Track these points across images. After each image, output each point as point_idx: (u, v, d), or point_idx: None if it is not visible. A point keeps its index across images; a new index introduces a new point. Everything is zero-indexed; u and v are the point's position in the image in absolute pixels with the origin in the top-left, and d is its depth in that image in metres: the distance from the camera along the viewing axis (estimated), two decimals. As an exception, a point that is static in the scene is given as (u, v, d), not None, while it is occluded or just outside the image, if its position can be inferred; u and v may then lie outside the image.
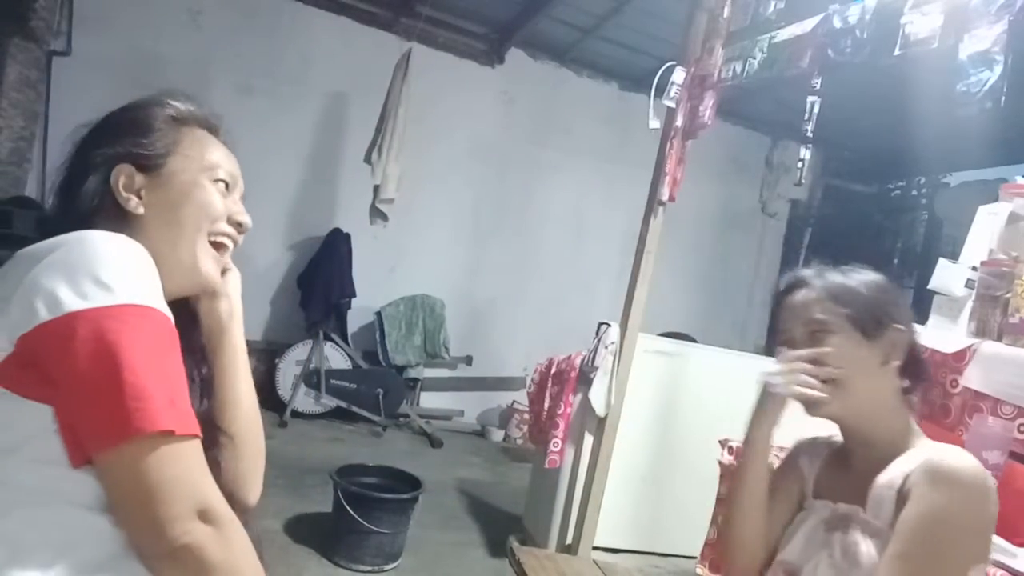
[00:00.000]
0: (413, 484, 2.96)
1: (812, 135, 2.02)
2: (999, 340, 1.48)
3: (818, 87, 2.01)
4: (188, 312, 0.91)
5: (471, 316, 5.52)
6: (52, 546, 0.66)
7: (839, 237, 6.42)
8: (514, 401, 5.40)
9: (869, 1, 1.83)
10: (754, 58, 2.25)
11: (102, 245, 0.70)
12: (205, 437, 0.73)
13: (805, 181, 2.15)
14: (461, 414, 5.54)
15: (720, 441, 1.97)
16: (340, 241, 4.89)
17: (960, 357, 1.51)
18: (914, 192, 6.50)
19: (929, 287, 1.70)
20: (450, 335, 5.24)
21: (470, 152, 5.46)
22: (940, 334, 1.63)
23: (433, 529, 3.24)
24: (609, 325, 2.88)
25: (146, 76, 4.61)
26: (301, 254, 5.01)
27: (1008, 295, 1.48)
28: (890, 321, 1.01)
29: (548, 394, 3.13)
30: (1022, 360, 1.39)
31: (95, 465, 0.67)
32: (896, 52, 1.71)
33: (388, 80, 4.56)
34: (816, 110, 2.01)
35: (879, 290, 1.03)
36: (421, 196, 5.09)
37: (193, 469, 0.68)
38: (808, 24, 2.05)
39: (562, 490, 3.01)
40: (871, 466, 1.01)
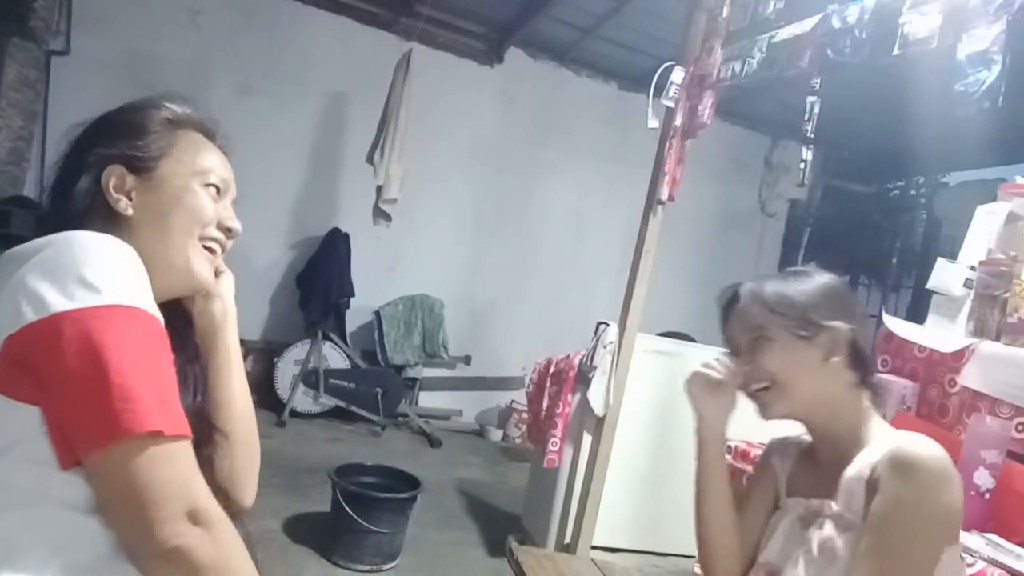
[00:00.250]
0: (412, 484, 2.96)
1: (812, 135, 2.02)
2: (997, 340, 1.48)
3: (817, 87, 2.00)
4: (182, 312, 0.91)
5: (470, 316, 5.53)
6: (44, 547, 0.66)
7: (838, 237, 6.43)
8: (513, 401, 5.40)
9: (868, 1, 1.83)
10: (753, 58, 2.25)
11: (89, 246, 0.70)
12: (199, 436, 0.73)
13: (806, 182, 2.14)
14: (460, 414, 5.54)
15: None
16: (339, 241, 4.89)
17: (959, 357, 1.51)
18: (913, 192, 6.51)
19: (928, 287, 1.70)
20: (449, 335, 5.24)
21: (469, 152, 5.46)
22: (939, 333, 1.63)
23: (432, 529, 3.24)
24: (608, 325, 2.87)
25: (145, 76, 4.61)
26: (300, 254, 5.01)
27: (1007, 295, 1.48)
28: (826, 321, 1.05)
29: (547, 394, 3.13)
30: (1020, 360, 1.39)
31: (84, 466, 0.66)
32: (895, 52, 1.71)
33: (388, 80, 4.56)
34: (816, 110, 2.01)
35: (815, 293, 1.08)
36: (420, 196, 5.09)
37: (183, 470, 0.68)
38: (807, 24, 2.05)
39: (561, 490, 3.01)
40: (837, 459, 1.05)
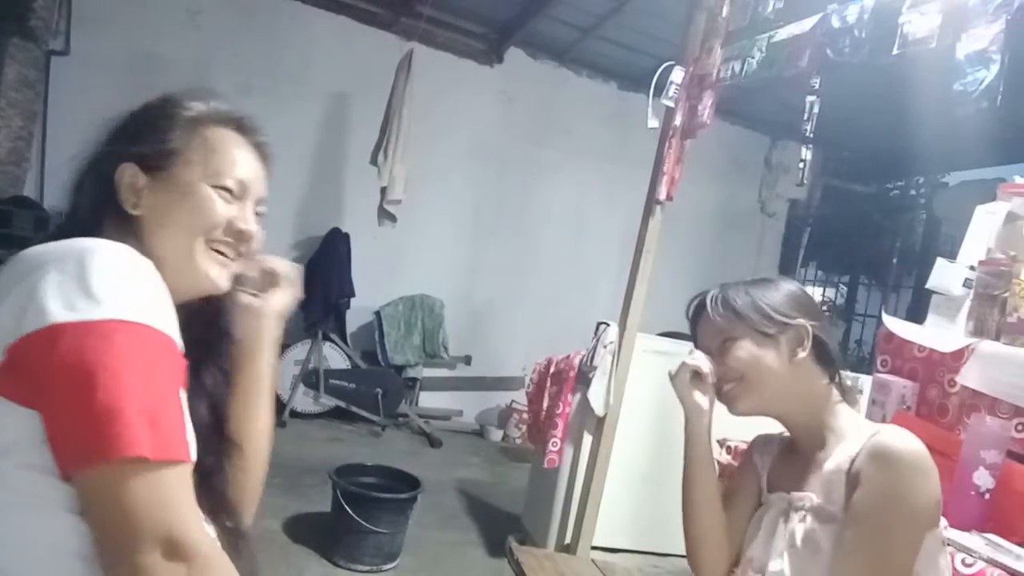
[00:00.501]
0: (412, 484, 2.96)
1: (812, 135, 2.02)
2: (997, 339, 1.48)
3: (817, 87, 2.00)
4: (203, 315, 0.88)
5: (470, 316, 5.53)
6: (48, 551, 0.66)
7: (838, 237, 6.43)
8: (513, 401, 5.40)
9: (867, 1, 1.83)
10: (753, 58, 2.25)
11: (101, 256, 0.68)
12: (210, 448, 0.72)
13: (805, 181, 2.14)
14: (460, 414, 5.54)
15: (719, 441, 1.97)
16: (339, 241, 4.89)
17: (958, 356, 1.51)
18: (913, 192, 6.52)
19: (927, 286, 1.70)
20: (449, 335, 5.24)
21: (469, 152, 5.46)
22: (938, 333, 1.63)
23: (432, 529, 3.25)
24: (608, 325, 2.87)
25: (145, 76, 4.60)
26: (301, 254, 5.01)
27: (1006, 294, 1.48)
28: (787, 320, 1.12)
29: (547, 394, 3.13)
30: (1020, 359, 1.39)
31: (73, 481, 0.66)
32: (894, 52, 1.71)
33: (388, 80, 4.56)
34: (815, 110, 2.01)
35: (777, 296, 1.15)
36: (420, 196, 5.09)
37: (166, 497, 0.65)
38: (807, 24, 2.05)
39: (561, 490, 3.01)
40: (813, 452, 1.11)
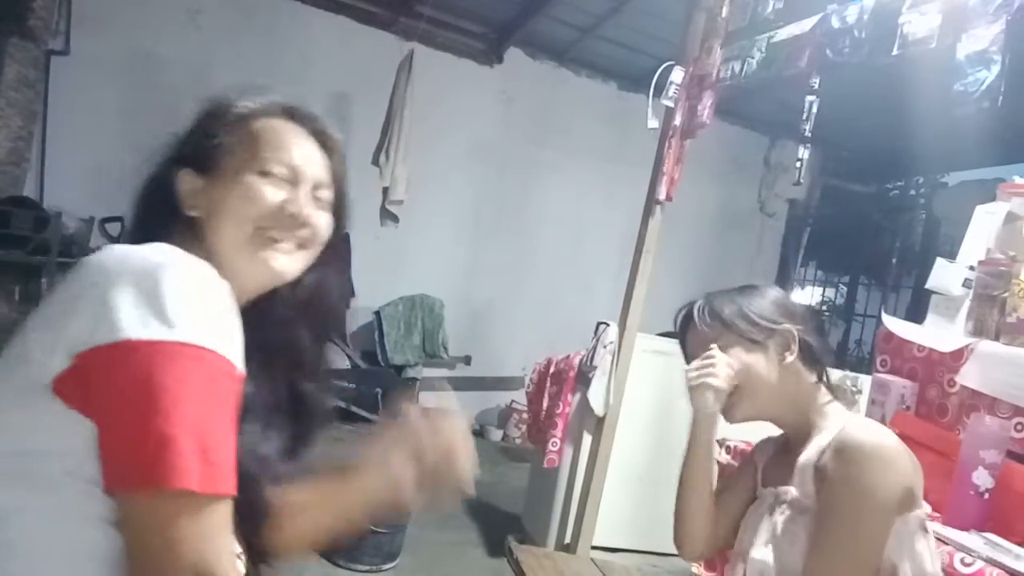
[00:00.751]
0: (412, 483, 2.95)
1: (810, 135, 2.02)
2: (996, 339, 1.48)
3: (816, 87, 2.01)
4: (272, 336, 0.87)
5: (470, 316, 5.52)
6: (80, 558, 0.66)
7: (837, 237, 6.44)
8: (513, 401, 5.40)
9: (867, 1, 1.83)
10: (752, 58, 2.25)
11: (174, 273, 0.67)
12: (254, 480, 0.72)
13: (803, 181, 2.15)
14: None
15: (719, 441, 1.97)
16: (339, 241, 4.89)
17: (958, 356, 1.51)
18: (912, 192, 6.52)
19: (927, 286, 1.70)
20: (449, 335, 5.24)
21: (469, 152, 5.46)
22: (938, 333, 1.63)
23: (431, 529, 3.24)
24: (608, 325, 2.88)
25: (145, 76, 4.61)
26: (300, 254, 5.01)
27: (1005, 294, 1.48)
28: (774, 325, 1.15)
29: (547, 394, 3.14)
30: (1019, 359, 1.39)
31: (116, 497, 0.66)
32: (894, 52, 1.71)
33: (388, 80, 4.56)
34: (814, 110, 2.01)
35: (762, 303, 1.18)
36: (420, 196, 5.09)
37: (205, 530, 0.64)
38: (806, 24, 2.06)
39: (561, 490, 3.01)
40: (801, 448, 1.14)
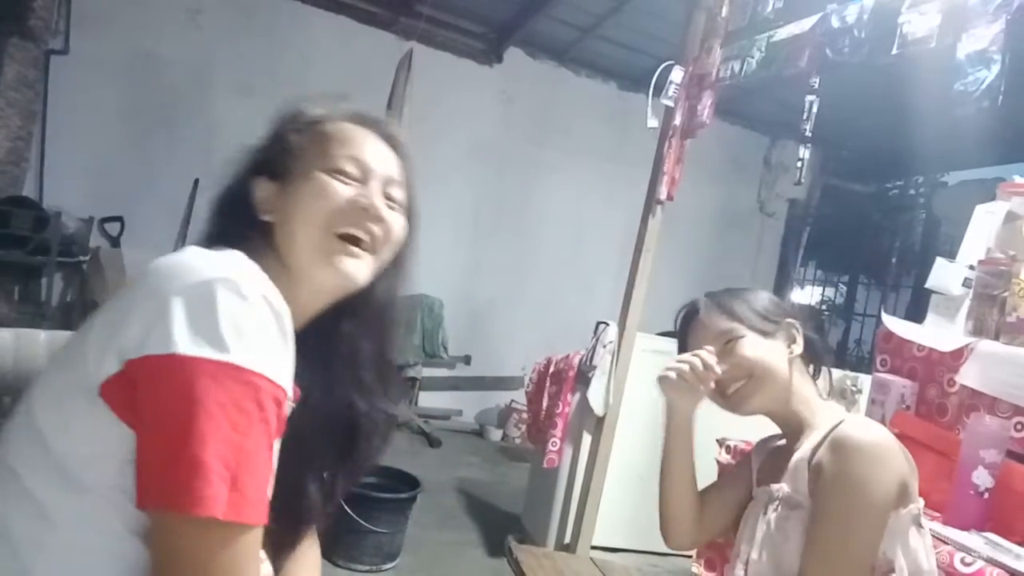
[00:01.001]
0: (411, 484, 2.96)
1: (811, 135, 2.02)
2: (996, 339, 1.48)
3: (816, 86, 2.00)
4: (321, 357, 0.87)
5: (469, 316, 5.52)
6: (104, 565, 0.67)
7: (837, 237, 6.44)
8: (512, 400, 5.40)
9: (867, 1, 1.83)
10: (752, 57, 2.25)
11: (230, 291, 0.66)
12: (286, 510, 0.73)
13: (804, 181, 2.15)
14: (460, 414, 5.54)
15: (718, 440, 1.97)
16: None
17: (957, 356, 1.51)
18: (912, 191, 6.52)
19: (927, 286, 1.70)
20: (448, 335, 5.24)
21: (469, 152, 5.46)
22: (938, 333, 1.63)
23: (431, 529, 3.24)
24: (607, 324, 2.87)
25: (145, 76, 4.61)
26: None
27: (1005, 294, 1.48)
28: (780, 318, 1.18)
29: (546, 393, 3.13)
30: (1019, 359, 1.39)
31: (145, 511, 0.66)
32: (894, 51, 1.71)
33: (388, 80, 4.55)
34: (814, 109, 2.01)
35: (762, 298, 1.21)
36: (420, 195, 5.09)
37: (229, 559, 0.64)
38: (806, 23, 2.05)
39: (560, 489, 3.01)
40: (794, 445, 1.15)
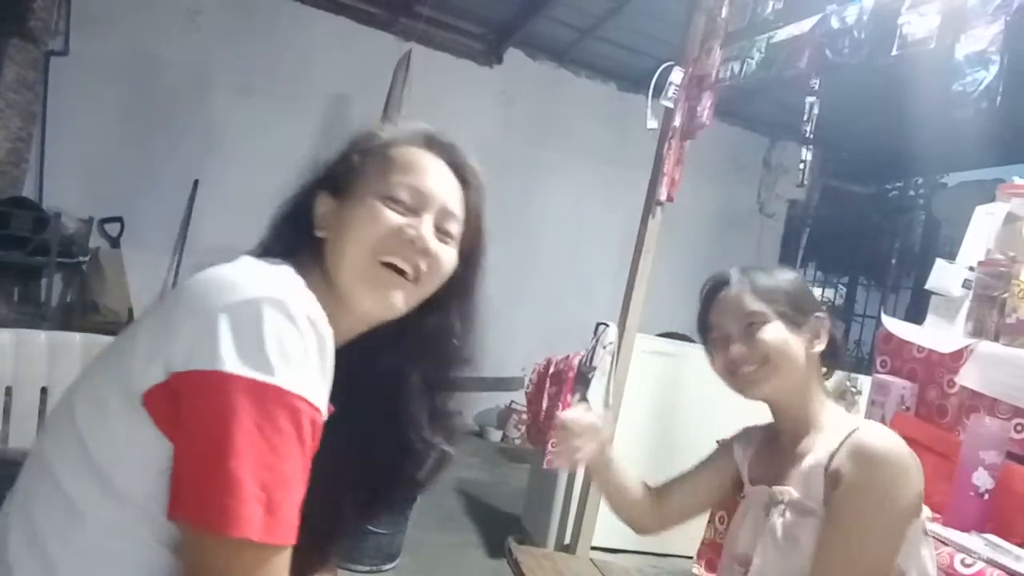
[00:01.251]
0: (411, 484, 2.95)
1: (811, 136, 2.02)
2: (996, 340, 1.48)
3: (816, 87, 2.01)
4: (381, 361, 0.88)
5: (469, 316, 5.52)
6: (141, 574, 0.67)
7: (837, 238, 6.43)
8: (512, 401, 5.39)
9: (867, 2, 1.83)
10: (752, 58, 2.25)
11: (277, 311, 0.66)
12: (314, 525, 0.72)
13: (805, 182, 2.15)
14: (459, 414, 5.53)
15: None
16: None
17: (957, 357, 1.51)
18: (912, 192, 6.52)
19: (927, 287, 1.71)
20: (448, 335, 5.23)
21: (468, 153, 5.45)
22: (938, 334, 1.63)
23: (431, 530, 3.24)
24: (607, 325, 2.87)
25: (145, 77, 4.61)
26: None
27: (1005, 295, 1.48)
28: (811, 311, 1.13)
29: (546, 394, 3.13)
30: (1019, 360, 1.39)
31: (177, 525, 0.66)
32: (894, 52, 1.71)
33: (388, 81, 4.56)
34: (815, 111, 2.01)
35: (799, 285, 1.16)
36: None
37: None
38: (806, 24, 2.05)
39: (560, 490, 3.01)
40: (795, 445, 1.11)
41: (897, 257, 6.38)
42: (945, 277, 1.65)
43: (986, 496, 1.28)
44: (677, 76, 2.57)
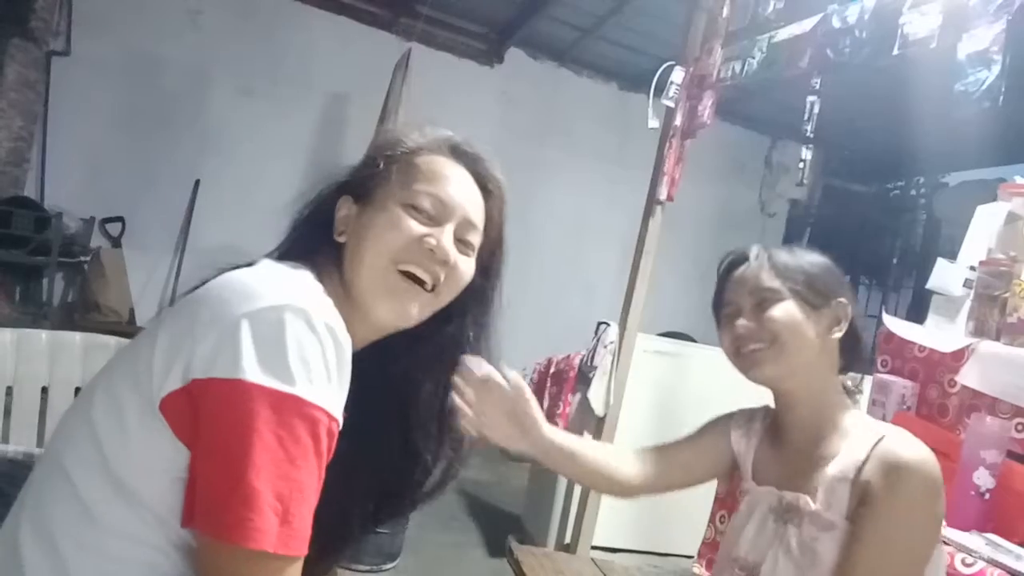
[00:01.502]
0: (412, 484, 2.96)
1: (812, 135, 2.02)
2: (997, 340, 1.48)
3: (817, 87, 2.00)
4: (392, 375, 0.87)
5: (470, 316, 5.52)
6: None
7: (838, 237, 6.41)
8: (513, 401, 5.39)
9: (868, 1, 1.83)
10: (753, 58, 2.25)
11: (299, 320, 0.67)
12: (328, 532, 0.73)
13: (805, 181, 2.14)
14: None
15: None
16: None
17: (958, 356, 1.51)
18: (913, 192, 6.51)
19: (928, 287, 1.70)
20: (449, 335, 5.24)
21: (469, 152, 5.46)
22: (938, 333, 1.63)
23: (432, 529, 3.24)
24: (608, 325, 2.87)
25: (145, 77, 4.62)
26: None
27: (1006, 295, 1.48)
28: (832, 295, 1.04)
29: (547, 394, 3.13)
30: (1020, 359, 1.39)
31: (192, 533, 0.66)
32: (895, 52, 1.71)
33: (388, 80, 4.56)
34: (815, 110, 2.01)
35: (821, 267, 1.06)
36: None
37: None
38: (807, 24, 2.05)
39: (561, 490, 3.01)
40: (808, 445, 1.03)
41: (898, 256, 6.37)
42: (946, 276, 1.65)
43: (987, 495, 1.28)
44: (678, 76, 2.57)
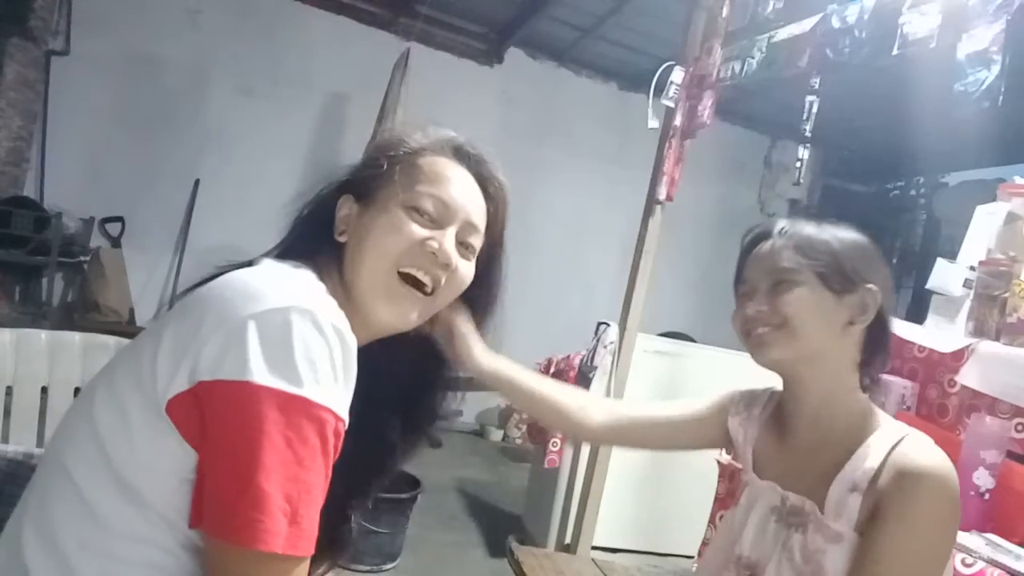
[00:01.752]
0: (412, 484, 2.96)
1: (811, 135, 2.02)
2: (997, 340, 1.48)
3: (817, 87, 2.01)
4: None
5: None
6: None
7: (838, 237, 6.43)
8: (513, 401, 5.39)
9: (867, 1, 1.83)
10: (753, 58, 2.25)
11: (306, 321, 0.66)
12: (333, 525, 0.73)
13: (804, 181, 2.15)
14: (460, 414, 5.54)
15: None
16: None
17: (958, 356, 1.51)
18: (913, 192, 6.51)
19: (927, 287, 1.70)
20: (449, 335, 5.24)
21: (469, 152, 5.46)
22: (938, 333, 1.63)
23: (432, 529, 3.24)
24: (608, 325, 2.87)
25: (145, 76, 4.61)
26: (300, 254, 5.01)
27: (1006, 295, 1.48)
28: (861, 280, 0.93)
29: (547, 394, 3.13)
30: (1020, 360, 1.39)
31: (200, 535, 0.66)
32: (894, 52, 1.71)
33: (387, 80, 4.56)
34: (815, 110, 2.01)
35: (853, 247, 0.96)
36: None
37: None
38: (807, 24, 2.05)
39: (561, 490, 3.01)
40: (816, 443, 0.97)
41: (898, 256, 6.37)
42: (946, 276, 1.65)
43: (987, 496, 1.28)
44: (678, 75, 2.57)
